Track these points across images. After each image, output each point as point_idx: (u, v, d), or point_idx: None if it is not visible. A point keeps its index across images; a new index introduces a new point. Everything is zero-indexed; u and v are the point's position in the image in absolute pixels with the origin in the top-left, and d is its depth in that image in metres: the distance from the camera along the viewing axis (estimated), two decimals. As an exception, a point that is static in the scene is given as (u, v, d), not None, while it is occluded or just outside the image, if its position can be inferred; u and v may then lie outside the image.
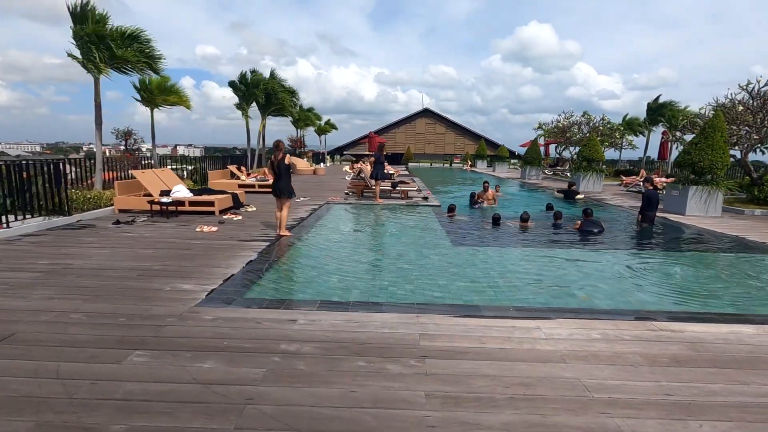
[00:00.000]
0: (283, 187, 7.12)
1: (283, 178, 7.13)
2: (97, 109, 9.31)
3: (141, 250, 5.93)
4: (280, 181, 7.14)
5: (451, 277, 5.31)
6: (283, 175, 7.13)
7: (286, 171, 7.15)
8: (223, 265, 5.28)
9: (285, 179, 7.13)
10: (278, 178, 7.18)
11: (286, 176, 7.15)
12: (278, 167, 7.12)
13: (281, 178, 7.14)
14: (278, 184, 7.19)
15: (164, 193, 9.20)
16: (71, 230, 7.22)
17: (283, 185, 7.12)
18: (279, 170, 7.13)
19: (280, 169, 7.12)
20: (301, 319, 3.68)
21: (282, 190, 7.15)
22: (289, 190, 7.17)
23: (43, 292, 4.20)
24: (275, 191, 7.26)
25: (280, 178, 7.15)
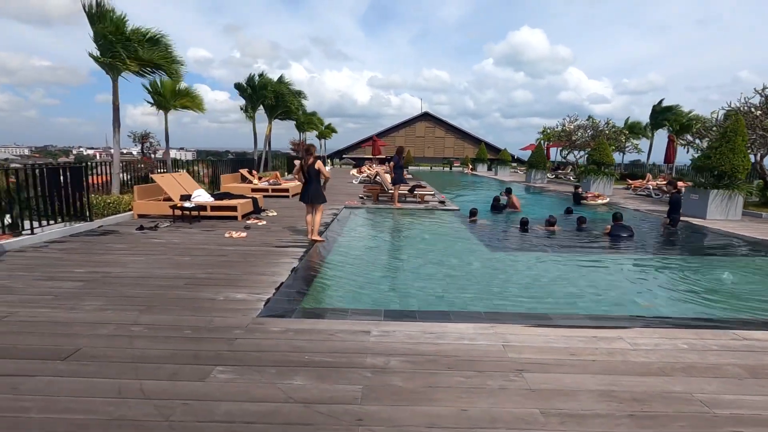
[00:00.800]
0: (312, 193, 6.94)
1: (313, 183, 6.95)
2: (115, 112, 9.07)
3: (177, 258, 5.73)
4: (310, 187, 6.97)
5: (503, 284, 5.19)
6: (313, 180, 6.94)
7: (317, 176, 6.98)
8: (268, 273, 5.10)
9: (315, 184, 6.95)
10: (308, 183, 7.00)
11: (316, 181, 6.97)
12: (308, 172, 6.95)
13: (311, 183, 6.96)
14: (308, 190, 7.01)
15: (184, 197, 8.98)
16: (96, 236, 6.99)
17: (313, 190, 6.95)
18: (309, 175, 6.95)
19: (309, 173, 6.94)
20: (374, 330, 3.52)
21: (312, 196, 6.97)
22: (319, 195, 6.98)
23: (93, 302, 3.99)
24: (304, 196, 7.10)
25: (310, 183, 6.97)
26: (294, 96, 19.14)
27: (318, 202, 6.96)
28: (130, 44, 8.64)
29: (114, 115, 9.08)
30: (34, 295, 4.18)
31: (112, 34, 8.21)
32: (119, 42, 8.31)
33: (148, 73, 9.38)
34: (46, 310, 3.80)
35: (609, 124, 22.40)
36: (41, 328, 3.42)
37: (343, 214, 10.16)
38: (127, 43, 8.25)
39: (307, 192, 7.00)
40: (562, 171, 28.83)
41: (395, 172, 11.47)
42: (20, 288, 4.38)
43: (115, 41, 8.28)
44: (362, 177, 20.25)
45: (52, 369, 2.79)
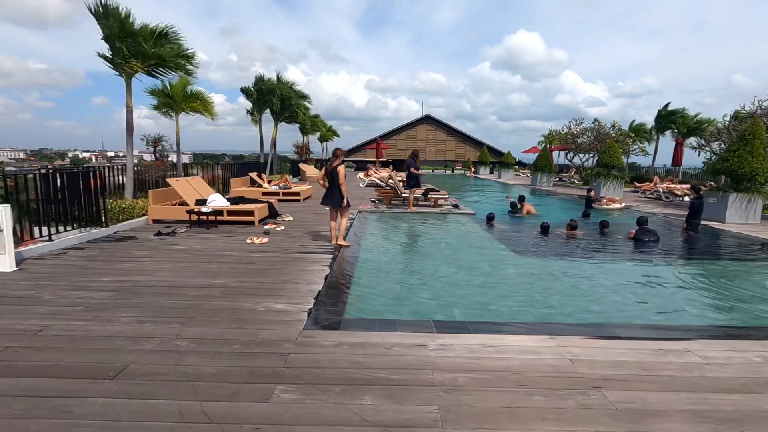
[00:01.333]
0: (336, 197, 6.76)
1: (336, 186, 6.75)
2: (129, 114, 8.89)
3: (204, 265, 5.54)
4: (334, 190, 6.79)
5: (545, 292, 5.03)
6: (336, 183, 6.74)
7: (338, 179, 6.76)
8: (302, 281, 4.93)
9: (337, 190, 6.75)
10: (331, 187, 6.83)
11: (338, 186, 6.74)
12: (331, 175, 6.78)
13: (335, 186, 6.77)
14: (332, 193, 6.84)
15: (200, 202, 8.79)
16: (114, 243, 6.78)
17: (336, 194, 6.77)
18: (332, 178, 6.77)
19: (332, 177, 6.76)
20: (430, 344, 3.35)
21: (335, 200, 6.80)
22: (342, 199, 6.77)
23: (128, 314, 3.81)
24: (327, 200, 6.92)
25: (333, 187, 6.79)
26: (300, 99, 18.98)
27: (340, 205, 6.79)
28: (137, 41, 8.42)
29: (127, 118, 8.90)
30: (64, 306, 3.99)
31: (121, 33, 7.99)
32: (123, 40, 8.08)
33: (160, 73, 9.18)
34: (81, 322, 3.61)
35: (615, 126, 22.36)
36: (81, 343, 3.23)
37: (359, 219, 9.99)
38: (133, 40, 8.02)
39: (330, 196, 6.84)
40: (566, 174, 28.77)
41: (411, 176, 11.31)
42: (49, 299, 4.18)
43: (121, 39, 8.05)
44: (369, 180, 20.09)
45: (103, 389, 2.61)
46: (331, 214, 7.05)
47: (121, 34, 8.28)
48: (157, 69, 8.97)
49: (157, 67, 8.86)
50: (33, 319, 3.65)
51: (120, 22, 8.36)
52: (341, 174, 6.66)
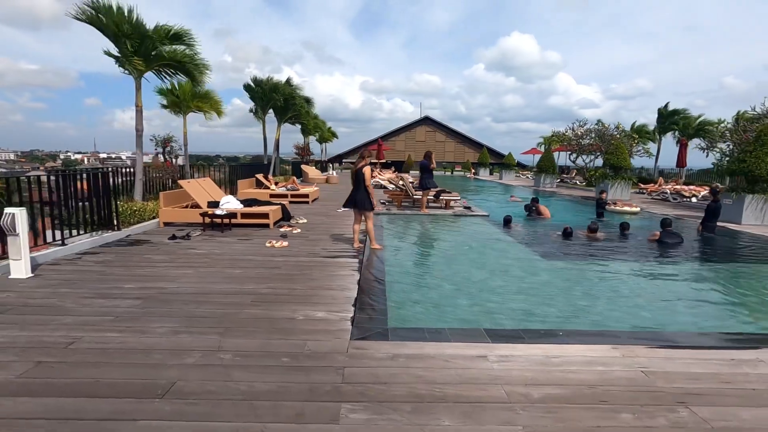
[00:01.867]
0: (360, 199, 6.59)
1: (361, 188, 6.59)
2: (138, 114, 8.63)
3: (227, 270, 5.31)
4: (358, 192, 6.62)
5: (587, 297, 4.86)
6: (362, 185, 6.57)
7: (365, 181, 6.60)
8: (335, 287, 4.71)
9: (363, 190, 6.58)
10: (356, 189, 6.68)
11: (365, 187, 6.58)
12: (356, 176, 6.63)
13: (359, 188, 6.60)
14: (356, 195, 6.67)
15: (212, 204, 8.55)
16: (128, 247, 6.53)
17: (360, 196, 6.59)
18: (357, 180, 6.61)
19: (358, 178, 6.60)
20: (490, 355, 3.15)
21: (359, 202, 6.61)
22: (367, 201, 6.59)
23: (161, 324, 3.58)
24: (351, 202, 6.74)
25: (358, 189, 6.63)
26: (304, 100, 18.76)
27: (366, 208, 6.62)
28: (152, 42, 8.19)
29: (137, 118, 8.64)
30: (91, 315, 3.75)
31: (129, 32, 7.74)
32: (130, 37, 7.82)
33: (169, 74, 8.93)
34: (113, 334, 3.38)
35: (619, 128, 22.34)
36: (117, 357, 3.00)
37: (376, 221, 9.76)
38: (141, 38, 7.77)
39: (354, 198, 6.67)
40: (567, 175, 28.74)
41: (423, 177, 11.13)
42: (73, 308, 3.94)
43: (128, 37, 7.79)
44: (373, 182, 19.90)
45: (153, 410, 2.39)
46: (355, 216, 6.88)
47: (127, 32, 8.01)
48: (167, 70, 8.72)
49: (167, 68, 8.61)
50: (60, 331, 3.41)
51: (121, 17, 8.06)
52: (367, 176, 6.50)
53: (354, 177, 6.69)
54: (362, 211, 6.68)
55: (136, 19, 8.00)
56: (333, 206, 12.25)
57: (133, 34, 7.97)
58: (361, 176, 6.54)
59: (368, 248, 6.69)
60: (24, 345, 3.16)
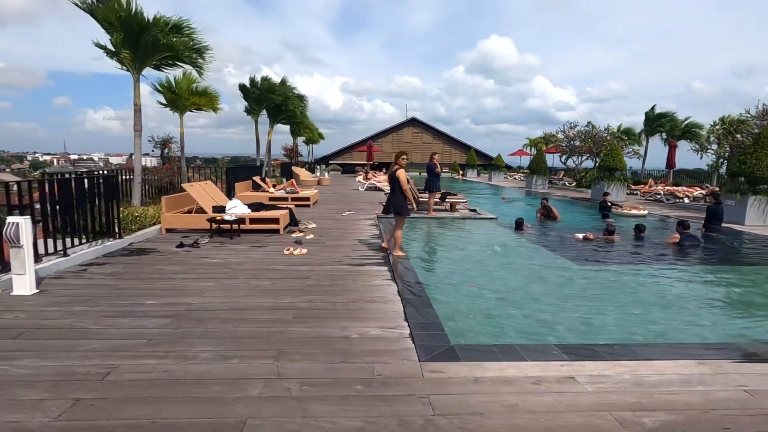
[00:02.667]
0: (396, 203, 6.32)
1: (397, 192, 6.32)
2: (137, 113, 8.09)
3: (252, 282, 4.92)
4: (394, 197, 6.35)
5: (635, 305, 4.69)
6: (397, 189, 6.30)
7: (400, 185, 6.30)
8: (376, 299, 4.40)
9: (399, 194, 6.30)
10: (392, 193, 6.42)
11: (400, 191, 6.29)
12: (390, 180, 6.37)
13: (395, 192, 6.34)
14: (392, 200, 6.41)
15: (218, 209, 8.09)
16: (135, 257, 6.05)
17: (396, 201, 6.32)
18: (393, 183, 6.33)
19: (393, 182, 6.33)
20: (578, 375, 2.91)
21: (394, 207, 6.35)
22: (402, 206, 6.31)
23: (204, 347, 3.20)
24: (387, 208, 6.50)
25: (393, 193, 6.37)
26: (299, 100, 18.31)
27: (401, 213, 6.34)
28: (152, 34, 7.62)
29: (135, 117, 8.10)
30: (120, 339, 3.34)
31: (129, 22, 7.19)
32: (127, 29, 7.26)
33: (169, 66, 8.39)
34: (152, 361, 2.99)
35: (609, 129, 22.65)
36: (168, 390, 2.62)
37: (385, 226, 9.46)
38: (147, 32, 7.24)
39: (390, 202, 6.43)
40: (555, 177, 29.04)
41: (430, 179, 10.88)
42: (96, 330, 3.51)
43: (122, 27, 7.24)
44: (369, 184, 19.58)
45: (233, 458, 2.04)
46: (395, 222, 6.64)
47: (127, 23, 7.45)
48: (167, 62, 8.19)
49: (167, 60, 8.09)
50: (91, 359, 3.00)
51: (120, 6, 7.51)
52: (402, 179, 6.26)
53: (390, 182, 6.46)
54: (397, 216, 6.42)
55: (135, 9, 7.47)
56: (336, 209, 11.89)
57: (133, 25, 7.44)
58: (395, 180, 6.29)
59: (405, 258, 6.39)
60: (53, 377, 2.74)
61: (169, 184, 9.47)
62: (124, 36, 7.29)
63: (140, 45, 7.53)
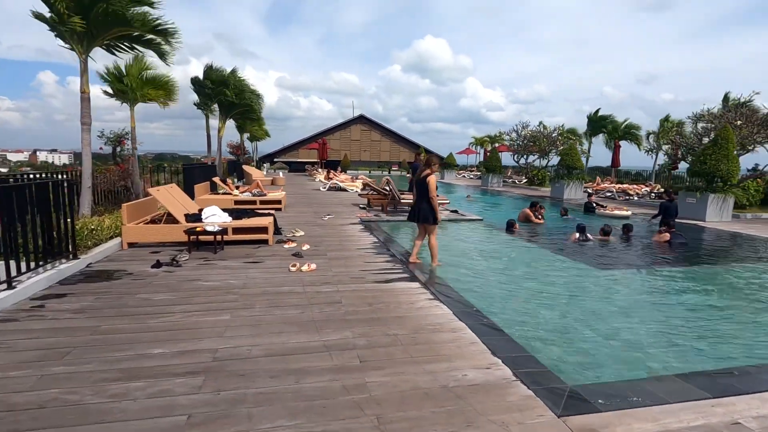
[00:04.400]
0: (424, 211, 5.77)
1: (424, 199, 5.76)
2: (85, 103, 6.61)
3: (277, 311, 4.01)
4: (422, 203, 5.79)
5: (712, 319, 4.45)
6: (426, 195, 5.74)
7: (427, 191, 5.74)
8: (440, 327, 3.73)
9: (427, 201, 5.74)
10: (419, 199, 5.86)
11: (428, 198, 5.74)
12: (418, 186, 5.83)
13: (423, 199, 5.78)
14: (420, 207, 5.84)
15: (192, 217, 6.89)
16: (102, 282, 4.80)
17: (424, 208, 5.76)
18: (420, 190, 5.80)
19: (420, 188, 5.79)
20: (742, 419, 2.48)
21: (422, 214, 5.81)
22: (431, 214, 5.76)
23: (273, 424, 2.33)
24: (413, 215, 5.95)
25: (421, 200, 5.80)
26: (254, 94, 16.87)
27: (429, 222, 5.79)
28: (107, 1, 6.16)
29: (83, 108, 6.63)
30: (146, 419, 2.35)
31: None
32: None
33: (124, 49, 6.97)
34: (212, 454, 2.08)
35: (559, 130, 23.64)
36: None
37: (378, 232, 8.74)
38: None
39: (417, 209, 5.86)
40: (505, 175, 29.93)
41: (419, 180, 10.30)
42: (100, 406, 2.47)
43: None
44: (331, 184, 18.61)
45: None
46: (418, 230, 6.09)
47: None
48: (123, 43, 6.78)
49: (124, 40, 6.69)
50: (117, 461, 2.03)
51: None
52: (432, 185, 5.70)
53: (416, 186, 5.90)
54: (424, 225, 5.88)
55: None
56: (311, 213, 10.93)
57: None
58: (424, 186, 5.72)
59: (423, 268, 5.73)
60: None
61: (124, 188, 7.94)
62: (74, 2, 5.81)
63: (91, 17, 6.08)
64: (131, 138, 8.79)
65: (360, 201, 13.75)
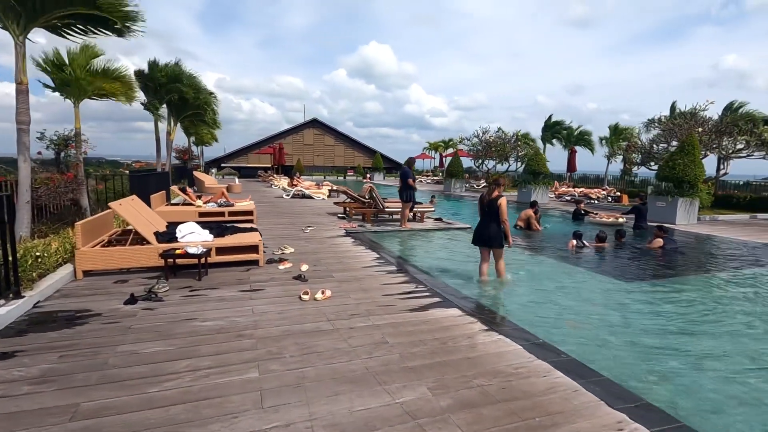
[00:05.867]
0: (493, 233, 5.49)
1: (493, 221, 5.52)
2: (22, 97, 5.28)
3: (319, 364, 3.16)
4: (490, 225, 5.52)
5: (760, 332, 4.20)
6: (495, 217, 5.49)
7: (497, 213, 5.47)
8: (527, 369, 3.09)
9: (496, 223, 5.50)
10: (488, 222, 5.52)
11: (497, 219, 5.49)
12: (488, 207, 5.52)
13: (491, 221, 5.52)
14: (487, 229, 5.52)
15: (164, 236, 5.74)
16: (63, 330, 3.64)
17: (493, 230, 5.50)
18: (489, 210, 5.53)
19: (491, 210, 5.51)
20: None
21: (491, 237, 5.50)
22: (500, 236, 5.50)
23: None
24: (480, 238, 5.63)
25: (489, 221, 5.53)
26: (208, 93, 15.39)
27: (498, 245, 5.56)
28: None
29: (19, 103, 5.27)
30: None
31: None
32: None
33: (76, 32, 5.67)
34: None
35: (517, 135, 24.18)
36: None
37: (366, 241, 7.96)
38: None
39: (484, 232, 5.54)
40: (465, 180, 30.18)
41: (407, 188, 9.68)
42: None
43: None
44: (294, 191, 17.45)
45: None
46: (482, 254, 5.75)
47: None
48: (74, 24, 5.49)
49: (74, 20, 5.41)
50: None
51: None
52: (504, 208, 5.40)
53: (485, 208, 5.58)
54: (492, 249, 5.63)
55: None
56: (288, 225, 9.90)
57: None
58: (495, 208, 5.46)
59: (447, 288, 5.07)
60: None
61: (73, 202, 6.46)
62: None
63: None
64: (76, 142, 7.26)
65: (333, 209, 12.88)
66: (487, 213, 5.57)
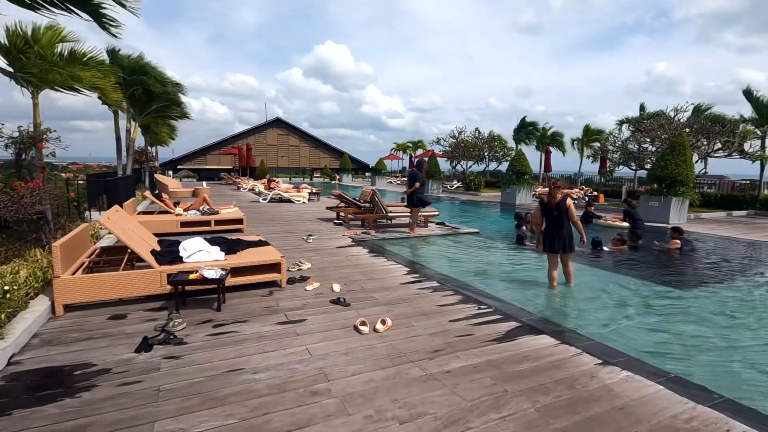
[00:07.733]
0: (566, 238, 5.32)
1: (564, 225, 5.35)
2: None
3: (433, 424, 2.39)
4: (562, 230, 5.32)
5: None
6: (566, 221, 5.35)
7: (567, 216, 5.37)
8: (665, 407, 2.48)
9: (569, 226, 5.38)
10: (556, 226, 5.37)
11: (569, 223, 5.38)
12: (556, 210, 5.34)
13: (562, 226, 5.33)
14: (560, 234, 5.33)
15: (165, 256, 4.68)
16: (53, 401, 2.62)
17: (566, 235, 5.32)
18: (559, 214, 5.34)
19: (559, 213, 5.33)
20: None
21: (566, 243, 5.33)
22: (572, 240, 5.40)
23: None
24: (553, 244, 5.37)
25: (560, 226, 5.33)
26: (175, 86, 13.92)
27: (572, 250, 5.43)
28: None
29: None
30: None
31: None
32: None
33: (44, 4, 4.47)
34: None
35: (491, 135, 24.20)
36: None
37: (394, 255, 7.18)
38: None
39: (557, 237, 5.29)
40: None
41: (419, 191, 8.95)
42: None
43: None
44: (272, 194, 16.24)
45: None
46: (550, 260, 5.50)
47: None
48: None
49: None
50: None
51: None
52: (573, 208, 5.28)
53: (554, 212, 5.38)
54: (567, 254, 5.45)
55: None
56: (280, 233, 8.90)
57: None
58: (564, 210, 5.33)
59: (518, 312, 4.42)
60: None
61: (38, 216, 5.10)
62: None
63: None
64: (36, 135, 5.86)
65: (322, 214, 11.95)
66: (556, 218, 5.38)
